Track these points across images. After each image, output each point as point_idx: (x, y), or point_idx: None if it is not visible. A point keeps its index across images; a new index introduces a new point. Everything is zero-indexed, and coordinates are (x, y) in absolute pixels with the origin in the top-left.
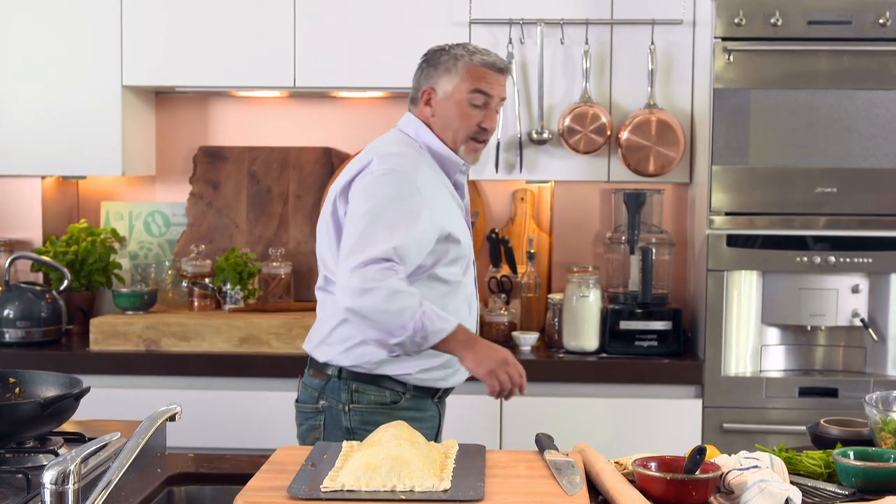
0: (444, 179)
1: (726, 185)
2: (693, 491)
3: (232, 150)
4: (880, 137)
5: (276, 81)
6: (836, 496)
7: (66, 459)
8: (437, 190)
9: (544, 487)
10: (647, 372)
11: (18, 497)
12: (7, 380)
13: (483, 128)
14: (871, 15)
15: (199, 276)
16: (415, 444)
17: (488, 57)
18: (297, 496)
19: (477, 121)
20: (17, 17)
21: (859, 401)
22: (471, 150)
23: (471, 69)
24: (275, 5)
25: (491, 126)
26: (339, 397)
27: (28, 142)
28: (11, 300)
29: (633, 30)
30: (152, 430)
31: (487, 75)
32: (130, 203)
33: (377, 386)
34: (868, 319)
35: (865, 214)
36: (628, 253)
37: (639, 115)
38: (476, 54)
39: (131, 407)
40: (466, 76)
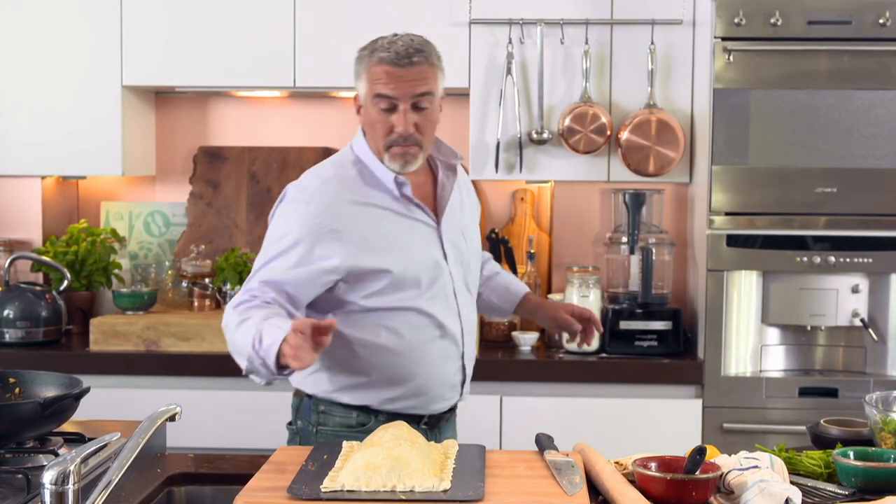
0: (383, 199)
1: (726, 185)
2: (693, 491)
3: (232, 150)
4: (880, 137)
5: (275, 81)
6: (836, 496)
7: (66, 460)
8: (356, 221)
9: (544, 487)
10: (647, 372)
11: (18, 497)
12: (7, 380)
13: (398, 133)
14: (870, 15)
15: (199, 276)
16: (415, 444)
17: (388, 53)
18: (297, 496)
19: (385, 128)
20: (17, 17)
21: (859, 401)
22: (394, 157)
23: (371, 70)
24: (275, 5)
25: (404, 129)
26: (309, 418)
27: (28, 142)
28: (11, 300)
29: (632, 30)
30: (152, 430)
31: (387, 74)
32: (130, 203)
33: (343, 407)
34: (868, 319)
35: (865, 214)
36: (628, 253)
37: (639, 115)
38: (377, 51)
39: (131, 407)
40: (368, 79)
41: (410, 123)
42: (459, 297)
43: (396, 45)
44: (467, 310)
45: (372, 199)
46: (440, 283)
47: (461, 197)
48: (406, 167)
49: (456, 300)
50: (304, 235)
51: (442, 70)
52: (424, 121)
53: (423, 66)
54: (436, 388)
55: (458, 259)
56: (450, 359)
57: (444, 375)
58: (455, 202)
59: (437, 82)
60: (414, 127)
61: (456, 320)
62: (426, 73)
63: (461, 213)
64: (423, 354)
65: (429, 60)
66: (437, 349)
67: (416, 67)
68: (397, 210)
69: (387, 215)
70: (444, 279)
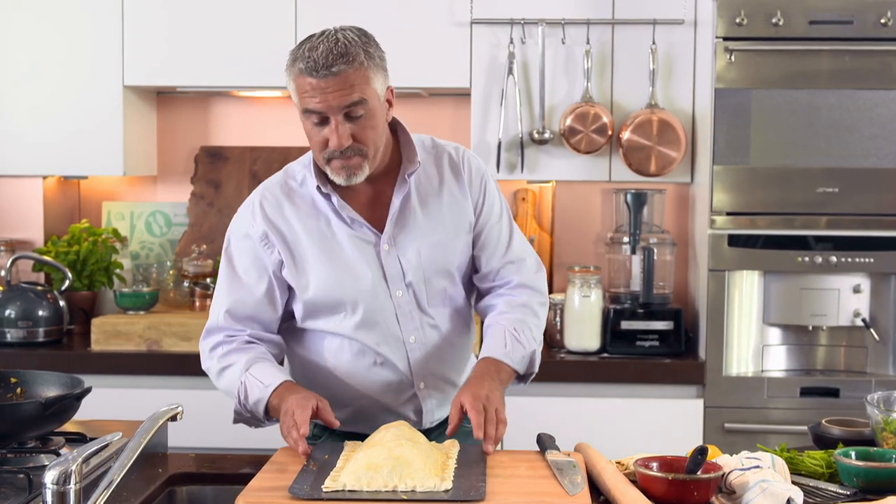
0: (323, 209)
1: (727, 185)
2: (695, 491)
3: (233, 150)
4: (881, 137)
5: (277, 81)
6: (838, 496)
7: (67, 459)
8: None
9: (546, 487)
10: (649, 372)
11: (20, 497)
12: (8, 380)
13: (332, 147)
14: (872, 15)
15: (200, 276)
16: (416, 444)
17: (307, 62)
18: (298, 496)
19: (321, 142)
20: (18, 17)
21: (861, 401)
22: (336, 171)
23: (296, 82)
24: (276, 5)
25: (338, 143)
26: None
27: (29, 142)
28: (13, 300)
29: (634, 30)
30: (154, 430)
31: (311, 87)
32: (132, 203)
33: None
34: (869, 319)
35: (867, 214)
36: (630, 253)
37: (640, 115)
38: (298, 60)
39: (133, 407)
40: (295, 90)
41: (345, 136)
42: (406, 321)
43: (316, 53)
44: (423, 333)
45: (311, 209)
46: (374, 308)
47: (440, 203)
48: (351, 179)
49: (399, 326)
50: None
51: (377, 66)
52: (362, 129)
53: (348, 71)
54: (380, 415)
55: (415, 277)
56: (391, 388)
57: (389, 404)
58: (418, 210)
59: (370, 84)
60: (351, 138)
61: (399, 348)
62: (353, 79)
63: (432, 221)
64: (361, 381)
65: (354, 64)
66: (375, 377)
67: (340, 76)
68: (334, 223)
69: (320, 229)
70: (379, 303)
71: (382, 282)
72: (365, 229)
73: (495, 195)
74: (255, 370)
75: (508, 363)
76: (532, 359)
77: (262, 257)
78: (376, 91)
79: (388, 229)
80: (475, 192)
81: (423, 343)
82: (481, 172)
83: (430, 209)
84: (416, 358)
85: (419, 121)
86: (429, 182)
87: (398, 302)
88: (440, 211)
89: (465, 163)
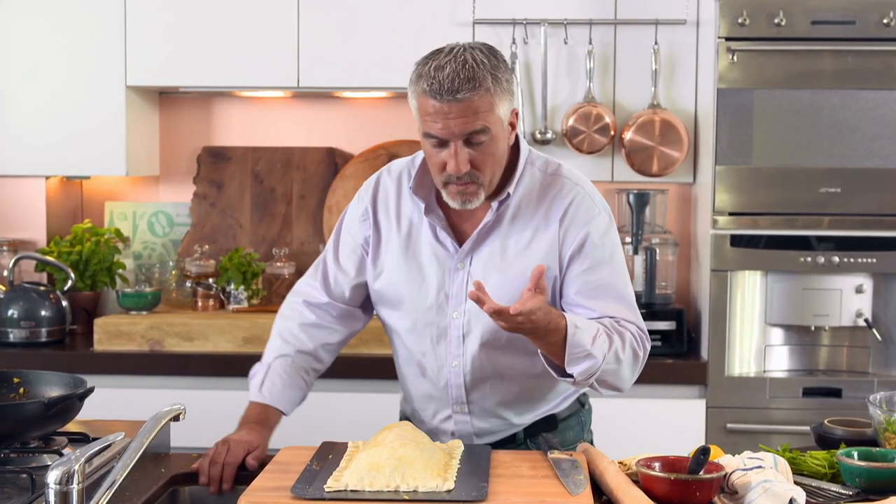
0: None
1: (730, 186)
2: (697, 491)
3: (235, 151)
4: (884, 137)
5: (279, 81)
6: (840, 496)
7: (70, 459)
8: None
9: (548, 487)
10: (651, 372)
11: (23, 497)
12: (11, 380)
13: (449, 172)
14: (874, 15)
15: (202, 276)
16: (419, 444)
17: (431, 83)
18: (300, 496)
19: (439, 164)
20: (20, 17)
21: (863, 401)
22: (452, 196)
23: (419, 101)
24: (278, 5)
25: (456, 169)
26: None
27: (32, 142)
28: (15, 300)
29: (636, 30)
30: (156, 430)
31: (434, 110)
32: (134, 203)
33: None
34: (872, 320)
35: (869, 214)
36: (632, 253)
37: (642, 116)
38: (423, 78)
39: (135, 407)
40: (417, 108)
41: (464, 162)
42: (453, 344)
43: (442, 74)
44: (467, 361)
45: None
46: (427, 321)
47: (530, 236)
48: (466, 205)
49: (446, 346)
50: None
51: (505, 91)
52: (482, 155)
53: (474, 98)
54: (425, 422)
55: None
56: (431, 401)
57: (429, 416)
58: (505, 237)
59: (494, 111)
60: (469, 164)
61: (441, 367)
62: (478, 106)
63: (514, 253)
64: (411, 381)
65: (480, 89)
66: (419, 383)
67: (465, 102)
68: (422, 227)
69: (409, 226)
70: (432, 317)
71: (444, 298)
72: (448, 242)
73: (602, 249)
74: (273, 370)
75: (569, 331)
76: (586, 363)
77: (357, 232)
78: (500, 118)
79: (466, 247)
80: (570, 240)
81: (467, 372)
82: (589, 220)
83: (517, 238)
84: (454, 383)
85: None
86: (527, 211)
87: (452, 323)
88: (526, 244)
89: (574, 205)
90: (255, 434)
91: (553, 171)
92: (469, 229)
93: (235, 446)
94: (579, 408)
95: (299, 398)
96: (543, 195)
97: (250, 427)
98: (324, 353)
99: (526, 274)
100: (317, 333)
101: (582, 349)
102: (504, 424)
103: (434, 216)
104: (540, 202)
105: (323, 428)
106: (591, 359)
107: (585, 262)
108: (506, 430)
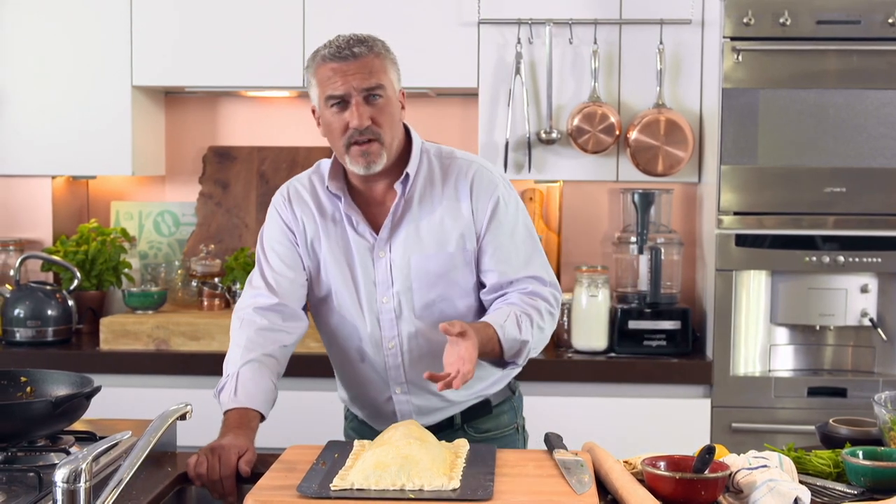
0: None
1: (735, 185)
2: (702, 490)
3: (241, 150)
4: (889, 137)
5: (285, 81)
6: (846, 496)
7: (77, 458)
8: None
9: (553, 486)
10: (656, 372)
11: (30, 495)
12: (18, 379)
13: (353, 127)
14: (880, 15)
15: (208, 275)
16: (425, 442)
17: (329, 49)
18: (306, 495)
19: (341, 126)
20: (27, 17)
21: (868, 400)
22: (355, 159)
23: (318, 72)
24: (284, 5)
25: (359, 122)
26: None
27: (38, 142)
28: (22, 300)
29: (641, 29)
30: (163, 428)
31: (333, 71)
32: (140, 203)
33: None
34: (877, 319)
35: (874, 214)
36: (637, 253)
37: (647, 115)
38: (319, 52)
39: (142, 406)
40: (318, 82)
41: (365, 115)
42: (387, 327)
43: (337, 41)
44: (403, 342)
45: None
46: (359, 307)
47: (440, 215)
48: (370, 167)
49: (380, 330)
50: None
51: (392, 62)
52: (380, 113)
53: (368, 56)
54: (368, 407)
55: (402, 286)
56: (373, 386)
57: (374, 399)
58: (417, 219)
59: (387, 74)
60: (370, 120)
61: (378, 351)
62: (372, 65)
63: (429, 232)
64: (352, 369)
65: (373, 51)
66: (361, 370)
67: (360, 59)
68: (340, 223)
69: (332, 224)
70: (363, 303)
71: (372, 285)
72: (367, 233)
73: (509, 214)
74: (242, 375)
75: (499, 333)
76: (521, 349)
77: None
78: (392, 83)
79: (384, 234)
80: (481, 210)
81: (404, 351)
82: (493, 189)
83: (429, 220)
84: (392, 364)
85: (427, 121)
86: (433, 193)
87: (382, 307)
88: (439, 222)
89: (476, 178)
90: (241, 438)
91: (448, 154)
92: (382, 218)
93: (226, 454)
94: (510, 394)
95: (272, 400)
96: (445, 176)
97: (235, 432)
98: (281, 355)
99: (446, 250)
100: (273, 336)
101: (515, 341)
102: (441, 401)
103: (352, 210)
104: (445, 182)
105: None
106: (524, 344)
107: (499, 228)
108: (444, 408)
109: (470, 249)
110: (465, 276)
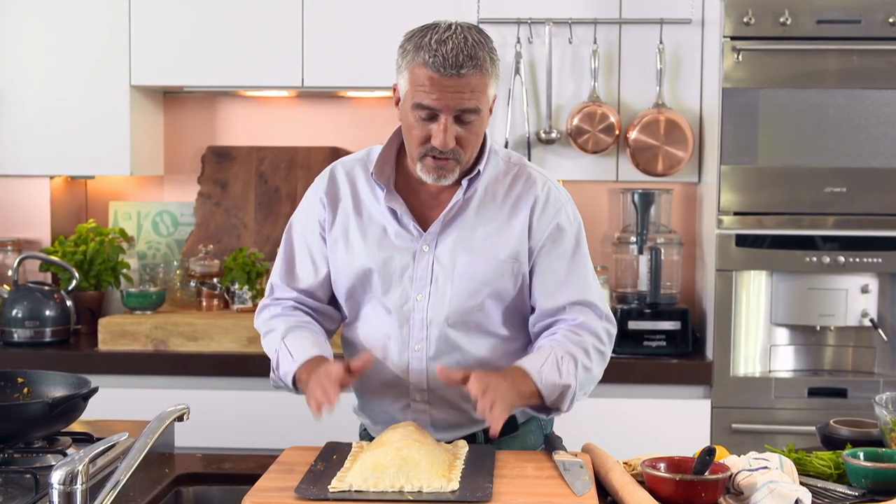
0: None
1: (735, 185)
2: (702, 492)
3: (240, 150)
4: (889, 137)
5: (284, 81)
6: (846, 497)
7: (74, 459)
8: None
9: (553, 488)
10: (656, 372)
11: (27, 497)
12: (15, 380)
13: (434, 145)
14: (880, 14)
15: (207, 275)
16: (423, 444)
17: (434, 57)
18: (304, 496)
19: (422, 135)
20: (25, 17)
21: (869, 401)
22: (427, 170)
23: (414, 72)
24: (283, 5)
25: (443, 143)
26: None
27: (36, 142)
28: (20, 300)
29: (641, 29)
30: (160, 430)
31: (431, 81)
32: (139, 203)
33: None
34: (877, 319)
35: (875, 214)
36: (637, 253)
37: (647, 115)
38: (422, 50)
39: (139, 407)
40: (410, 80)
41: (451, 137)
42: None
43: (445, 49)
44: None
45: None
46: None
47: (498, 222)
48: (440, 180)
49: (410, 331)
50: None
51: (496, 75)
52: (468, 134)
53: (474, 76)
54: (381, 415)
55: (442, 287)
56: (390, 389)
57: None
58: (472, 221)
59: (487, 93)
60: (455, 140)
61: (403, 352)
62: (476, 85)
63: (482, 237)
64: (368, 372)
65: (481, 70)
66: (379, 372)
67: (465, 79)
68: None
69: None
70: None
71: (409, 281)
72: (412, 225)
73: (569, 239)
74: (289, 340)
75: (536, 381)
76: (563, 393)
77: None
78: (489, 98)
79: (434, 229)
80: (541, 228)
81: (430, 357)
82: (557, 210)
83: (485, 222)
84: (416, 367)
85: None
86: (494, 197)
87: (415, 305)
88: (495, 228)
89: (542, 195)
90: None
91: (517, 160)
92: (430, 214)
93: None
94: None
95: (329, 351)
96: (511, 183)
97: (320, 365)
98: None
99: (497, 257)
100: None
101: (556, 385)
102: (462, 417)
103: (395, 202)
104: (509, 190)
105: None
106: (566, 388)
107: (555, 251)
108: (465, 425)
109: (521, 262)
110: (507, 290)
